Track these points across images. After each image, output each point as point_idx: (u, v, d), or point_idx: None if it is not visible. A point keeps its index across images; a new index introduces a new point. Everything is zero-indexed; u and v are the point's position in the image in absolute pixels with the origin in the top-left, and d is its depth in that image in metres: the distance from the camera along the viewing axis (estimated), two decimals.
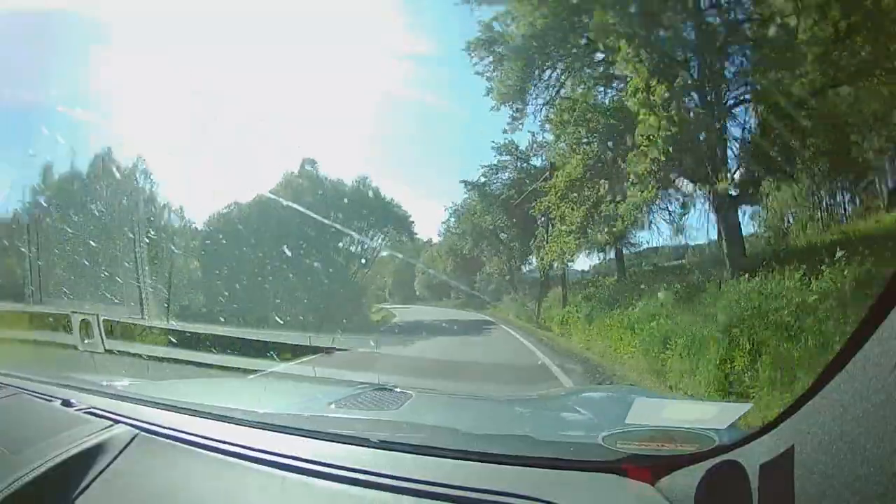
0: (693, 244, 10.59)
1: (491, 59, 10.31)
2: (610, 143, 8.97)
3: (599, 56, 9.11)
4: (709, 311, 6.53)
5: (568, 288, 11.44)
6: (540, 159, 12.17)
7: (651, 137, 7.17)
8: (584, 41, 9.03)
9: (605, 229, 9.14)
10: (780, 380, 4.40)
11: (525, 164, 12.64)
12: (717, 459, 1.06)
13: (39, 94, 10.82)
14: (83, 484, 1.29)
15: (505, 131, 11.62)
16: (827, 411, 0.80)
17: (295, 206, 11.09)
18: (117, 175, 11.35)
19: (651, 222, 10.39)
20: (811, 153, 7.93)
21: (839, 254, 6.07)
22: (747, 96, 8.12)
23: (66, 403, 1.77)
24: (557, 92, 10.00)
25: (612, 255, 11.66)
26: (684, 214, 9.49)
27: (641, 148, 7.43)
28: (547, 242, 10.15)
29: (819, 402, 0.83)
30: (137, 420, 1.59)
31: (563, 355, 7.33)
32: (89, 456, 1.38)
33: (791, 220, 9.63)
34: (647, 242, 11.58)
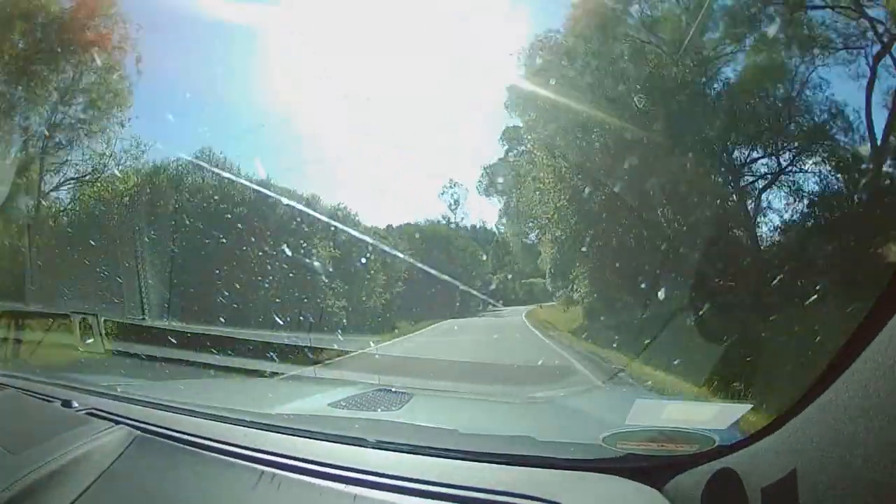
0: None
1: None
2: None
3: None
4: None
5: None
6: None
7: None
8: None
9: None
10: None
11: None
12: (718, 460, 1.06)
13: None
14: (84, 485, 1.29)
15: None
16: (828, 412, 0.80)
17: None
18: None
19: None
20: None
21: None
22: None
23: (67, 404, 1.77)
24: None
25: None
26: None
27: None
28: None
29: (820, 404, 0.83)
30: (138, 421, 1.59)
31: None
32: (90, 457, 1.38)
33: None
34: None
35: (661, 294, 6.06)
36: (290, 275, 11.42)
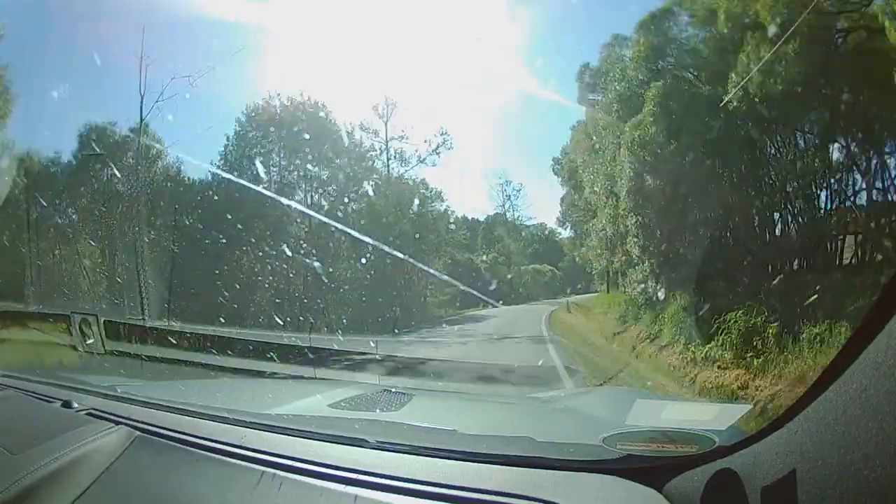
0: None
1: None
2: None
3: None
4: None
5: None
6: None
7: None
8: None
9: None
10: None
11: None
12: (718, 461, 1.06)
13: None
14: (84, 485, 1.29)
15: None
16: (829, 413, 0.80)
17: None
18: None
19: None
20: None
21: None
22: None
23: (67, 405, 1.77)
24: None
25: None
26: None
27: None
28: None
29: (821, 404, 0.83)
30: (137, 421, 1.59)
31: None
32: (90, 457, 1.38)
33: None
34: None
35: None
36: None
